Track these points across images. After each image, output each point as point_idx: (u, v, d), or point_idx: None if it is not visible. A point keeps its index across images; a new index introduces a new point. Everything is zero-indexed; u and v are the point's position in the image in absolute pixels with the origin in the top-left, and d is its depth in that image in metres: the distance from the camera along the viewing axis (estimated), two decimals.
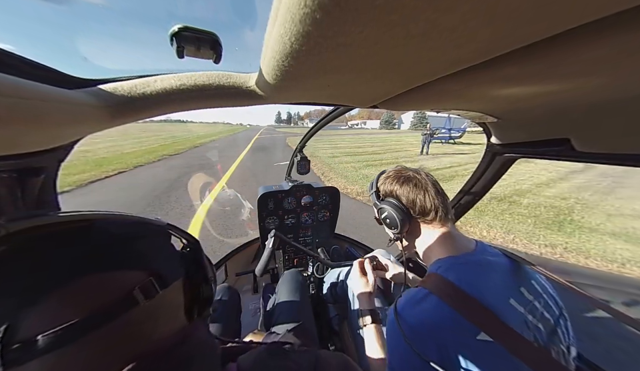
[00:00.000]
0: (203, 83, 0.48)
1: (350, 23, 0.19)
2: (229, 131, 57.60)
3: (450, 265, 0.58)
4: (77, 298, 0.23)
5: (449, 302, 0.50)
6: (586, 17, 0.19)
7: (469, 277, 0.54)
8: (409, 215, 0.67)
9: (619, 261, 3.04)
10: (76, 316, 0.22)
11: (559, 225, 4.09)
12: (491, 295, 0.51)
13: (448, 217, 0.66)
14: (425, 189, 0.66)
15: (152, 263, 0.29)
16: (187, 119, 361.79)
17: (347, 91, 0.46)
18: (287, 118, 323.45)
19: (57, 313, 0.22)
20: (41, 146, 0.41)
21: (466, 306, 0.50)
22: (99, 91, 0.44)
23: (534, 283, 0.58)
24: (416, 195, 0.66)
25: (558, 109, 0.53)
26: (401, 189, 0.69)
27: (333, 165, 9.34)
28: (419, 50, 0.25)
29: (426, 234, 0.68)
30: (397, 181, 0.70)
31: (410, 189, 0.67)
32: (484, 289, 0.52)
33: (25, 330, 0.21)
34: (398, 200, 0.69)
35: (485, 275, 0.55)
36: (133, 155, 11.26)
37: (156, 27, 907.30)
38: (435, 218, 0.65)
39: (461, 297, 0.51)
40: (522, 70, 0.32)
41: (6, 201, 0.45)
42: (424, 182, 0.67)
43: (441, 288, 0.54)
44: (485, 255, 0.61)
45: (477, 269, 0.57)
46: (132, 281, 0.26)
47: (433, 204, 0.64)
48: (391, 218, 0.69)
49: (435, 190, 0.66)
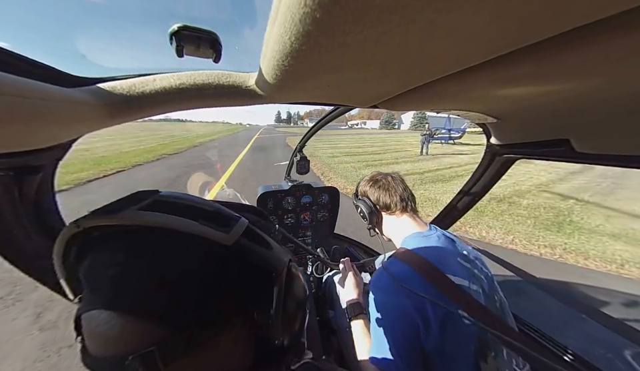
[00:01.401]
0: (202, 82, 0.48)
1: (350, 22, 0.19)
2: (228, 130, 57.56)
3: (411, 240, 0.77)
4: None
5: (414, 267, 0.67)
6: (585, 18, 0.19)
7: (423, 244, 0.73)
8: (375, 209, 0.88)
9: (618, 262, 3.05)
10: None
11: (559, 226, 4.10)
12: (444, 259, 0.68)
13: (407, 208, 0.85)
14: (387, 188, 0.86)
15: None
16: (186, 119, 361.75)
17: (347, 91, 0.45)
18: (287, 118, 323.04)
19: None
20: (39, 144, 0.41)
21: (426, 269, 0.65)
22: (98, 89, 0.43)
23: (466, 253, 0.76)
24: (379, 194, 0.87)
25: (558, 110, 0.53)
26: (370, 189, 0.90)
27: (333, 165, 9.34)
28: (419, 50, 0.25)
29: (392, 223, 0.87)
30: (368, 184, 0.92)
31: (375, 190, 0.88)
32: (438, 256, 0.69)
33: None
34: (368, 198, 0.90)
35: (437, 246, 0.73)
36: (131, 154, 11.24)
37: (155, 26, 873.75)
38: (396, 210, 0.84)
39: (422, 262, 0.67)
40: (522, 70, 0.32)
41: (3, 200, 0.45)
42: (387, 184, 0.88)
43: (407, 256, 0.71)
44: (436, 233, 0.79)
45: (431, 241, 0.74)
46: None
47: (392, 200, 0.84)
48: (363, 213, 0.91)
49: (394, 189, 0.86)
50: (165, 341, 0.22)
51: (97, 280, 0.24)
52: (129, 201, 0.28)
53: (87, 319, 0.23)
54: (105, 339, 0.22)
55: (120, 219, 0.25)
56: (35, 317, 1.97)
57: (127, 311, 0.22)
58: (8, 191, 0.44)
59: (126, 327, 0.22)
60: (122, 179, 6.72)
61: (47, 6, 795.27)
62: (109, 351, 0.22)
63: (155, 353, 0.21)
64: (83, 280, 0.25)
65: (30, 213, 0.50)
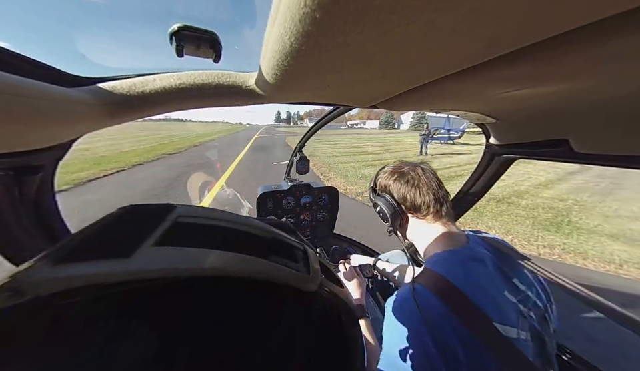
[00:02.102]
0: (202, 82, 0.48)
1: (350, 22, 0.19)
2: (228, 130, 57.48)
3: (443, 260, 0.58)
4: None
5: (448, 304, 0.49)
6: (585, 19, 0.19)
7: (462, 272, 0.54)
8: (400, 209, 0.69)
9: (616, 262, 3.05)
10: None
11: (557, 226, 4.10)
12: (487, 295, 0.51)
13: (442, 212, 0.65)
14: (417, 185, 0.66)
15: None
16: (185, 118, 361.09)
17: (347, 91, 0.46)
18: (287, 118, 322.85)
19: None
20: (39, 144, 0.41)
21: (462, 308, 0.49)
22: (98, 89, 0.43)
23: (526, 273, 0.60)
24: (407, 191, 0.67)
25: (557, 110, 0.53)
26: (394, 184, 0.70)
27: (333, 165, 9.34)
28: (419, 50, 0.25)
29: (419, 228, 0.69)
30: (391, 177, 0.72)
31: (401, 185, 0.69)
32: (477, 285, 0.52)
33: None
34: (390, 195, 0.71)
35: (477, 270, 0.55)
36: (131, 154, 11.21)
37: (155, 25, 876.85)
38: (428, 213, 0.65)
39: (458, 298, 0.50)
40: (521, 71, 0.32)
41: (3, 200, 0.45)
42: (417, 178, 0.68)
43: (439, 286, 0.52)
44: (478, 249, 0.60)
45: (470, 263, 0.56)
46: None
47: (423, 200, 0.65)
48: (383, 212, 0.71)
49: (427, 186, 0.66)
50: None
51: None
52: (130, 229, 0.16)
53: None
54: None
55: (124, 274, 0.13)
56: None
57: None
58: (8, 190, 0.44)
59: None
60: (122, 179, 6.70)
61: (47, 6, 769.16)
62: None
63: None
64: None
65: (30, 212, 0.50)
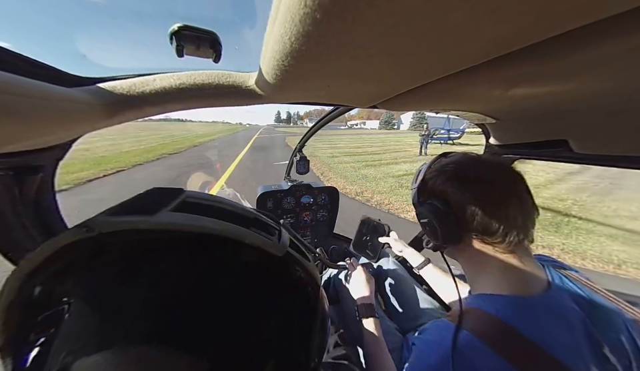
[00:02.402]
0: (202, 82, 0.48)
1: (350, 23, 0.19)
2: (228, 130, 57.46)
3: (512, 306, 0.41)
4: None
5: (509, 359, 0.36)
6: (585, 19, 0.19)
7: (539, 331, 0.38)
8: (460, 228, 0.48)
9: (615, 262, 3.06)
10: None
11: (556, 226, 4.11)
12: (561, 362, 0.36)
13: (523, 244, 0.46)
14: (499, 202, 0.45)
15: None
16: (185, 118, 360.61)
17: (347, 91, 0.46)
18: (287, 118, 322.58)
19: None
20: (39, 144, 0.41)
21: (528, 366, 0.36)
22: (98, 89, 0.43)
23: (623, 340, 0.41)
24: (480, 207, 0.45)
25: (556, 111, 0.54)
26: (457, 193, 0.48)
27: (332, 165, 9.34)
28: (419, 50, 0.25)
29: (481, 255, 0.48)
30: (454, 180, 0.50)
31: (471, 197, 0.46)
32: (554, 351, 0.37)
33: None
34: (447, 206, 0.49)
35: (558, 333, 0.39)
36: (131, 154, 11.21)
37: (156, 25, 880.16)
38: (502, 242, 0.45)
39: (529, 353, 0.37)
40: (521, 71, 0.32)
41: (4, 200, 0.45)
42: (499, 191, 0.46)
43: (498, 338, 0.38)
44: (563, 301, 0.43)
45: (549, 322, 0.40)
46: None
47: (503, 225, 0.44)
48: (431, 227, 0.51)
49: (511, 204, 0.45)
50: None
51: (124, 308, 0.17)
52: (153, 201, 0.22)
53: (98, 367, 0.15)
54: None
55: (151, 223, 0.19)
56: None
57: (171, 346, 0.17)
58: (8, 190, 0.44)
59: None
60: (122, 179, 6.70)
61: (47, 6, 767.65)
62: None
63: None
64: (83, 312, 0.17)
65: (30, 212, 0.50)
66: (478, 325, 0.41)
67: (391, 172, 8.06)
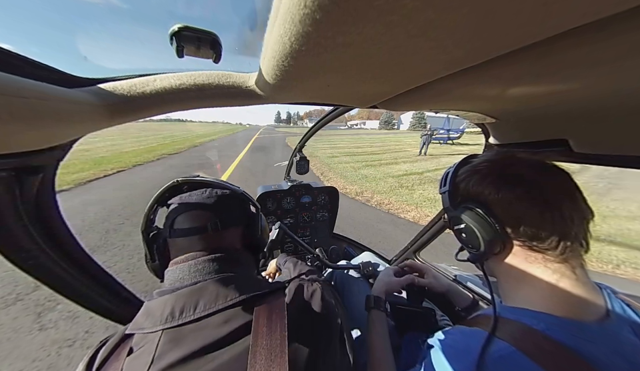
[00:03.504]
0: (202, 83, 0.48)
1: (349, 23, 0.19)
2: (228, 130, 57.50)
3: (566, 331, 0.35)
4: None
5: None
6: (585, 18, 0.19)
7: (596, 359, 0.33)
8: (503, 233, 0.42)
9: (614, 262, 3.05)
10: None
11: None
12: None
13: (576, 251, 0.40)
14: (550, 201, 0.39)
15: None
16: (186, 119, 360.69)
17: (347, 91, 0.46)
18: (287, 118, 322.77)
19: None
20: (40, 145, 0.41)
21: None
22: (98, 90, 0.44)
23: None
24: (525, 208, 0.40)
25: (556, 110, 0.54)
26: (495, 193, 0.43)
27: (332, 165, 9.34)
28: (419, 50, 0.25)
29: (526, 265, 0.42)
30: (491, 179, 0.44)
31: (514, 197, 0.41)
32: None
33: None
34: (487, 209, 0.43)
35: (615, 365, 0.33)
36: (132, 154, 11.21)
37: (156, 26, 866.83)
38: (556, 248, 0.39)
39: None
40: (522, 70, 0.32)
41: (4, 200, 0.45)
42: (548, 189, 0.40)
43: (548, 355, 0.33)
44: (624, 332, 0.37)
45: (606, 352, 0.34)
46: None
47: (556, 228, 0.39)
48: (471, 236, 0.45)
49: (563, 204, 0.39)
50: (219, 218, 0.51)
51: (187, 198, 0.52)
52: (195, 176, 0.56)
53: (184, 215, 0.51)
54: (194, 219, 0.50)
55: (192, 179, 0.54)
56: (35, 317, 1.97)
57: (202, 208, 0.51)
58: (9, 191, 0.44)
59: (202, 212, 0.51)
60: (122, 179, 6.70)
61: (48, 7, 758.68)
62: (197, 223, 0.50)
63: (218, 222, 0.51)
64: (178, 202, 0.52)
65: (31, 213, 0.50)
66: (520, 337, 0.36)
67: (391, 172, 8.07)
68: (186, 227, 0.49)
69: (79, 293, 0.68)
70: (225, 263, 0.48)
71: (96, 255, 0.83)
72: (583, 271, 0.41)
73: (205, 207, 0.51)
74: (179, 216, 0.50)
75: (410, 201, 5.17)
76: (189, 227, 0.49)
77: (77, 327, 1.87)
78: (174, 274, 0.47)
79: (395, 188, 6.18)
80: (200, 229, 0.49)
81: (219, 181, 0.56)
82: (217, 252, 0.49)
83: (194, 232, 0.49)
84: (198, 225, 0.49)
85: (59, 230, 0.58)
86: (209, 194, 0.52)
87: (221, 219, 0.51)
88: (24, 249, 0.52)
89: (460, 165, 0.53)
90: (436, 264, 1.30)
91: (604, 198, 5.70)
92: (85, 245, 0.64)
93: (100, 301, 0.74)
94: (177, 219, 0.50)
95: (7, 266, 0.53)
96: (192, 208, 0.50)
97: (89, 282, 0.68)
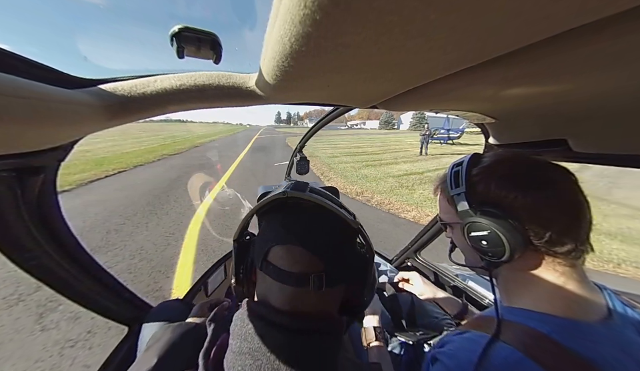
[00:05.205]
0: (202, 83, 0.48)
1: (349, 24, 0.19)
2: (228, 130, 57.54)
3: (570, 332, 0.35)
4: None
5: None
6: (585, 18, 0.19)
7: (601, 358, 0.33)
8: (527, 239, 0.40)
9: (614, 261, 3.05)
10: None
11: None
12: None
13: (582, 254, 0.41)
14: (570, 205, 0.40)
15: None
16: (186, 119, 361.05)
17: (347, 91, 0.46)
18: (287, 118, 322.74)
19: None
20: (41, 146, 0.41)
21: None
22: (99, 90, 0.44)
23: None
24: (555, 215, 0.39)
25: (556, 110, 0.54)
26: (526, 197, 0.40)
27: (333, 165, 9.34)
28: (418, 51, 0.25)
29: (536, 269, 0.42)
30: (512, 181, 0.42)
31: (546, 202, 0.39)
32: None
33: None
34: (512, 215, 0.40)
35: (620, 363, 0.33)
36: (132, 155, 11.24)
37: (156, 27, 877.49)
38: (570, 252, 0.39)
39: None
40: (521, 70, 0.32)
41: (6, 201, 0.45)
42: (567, 192, 0.40)
43: (551, 358, 0.33)
44: (626, 332, 0.37)
45: (611, 350, 0.34)
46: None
47: (575, 232, 0.39)
48: (494, 243, 0.42)
49: (582, 204, 0.40)
50: (327, 270, 0.36)
51: (293, 225, 0.38)
52: (303, 185, 0.42)
53: (284, 249, 0.37)
54: (296, 261, 0.36)
55: (305, 196, 0.39)
56: (37, 317, 1.97)
57: (308, 247, 0.36)
58: (10, 191, 0.44)
59: (309, 256, 0.36)
60: (123, 180, 6.71)
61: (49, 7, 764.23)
62: (298, 269, 0.36)
63: (323, 276, 0.35)
64: (279, 226, 0.39)
65: (32, 213, 0.50)
66: (523, 339, 0.36)
67: (391, 172, 8.06)
68: (285, 270, 0.36)
69: (81, 293, 0.68)
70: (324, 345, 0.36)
71: (97, 256, 0.82)
72: (583, 272, 0.42)
73: (312, 247, 0.36)
74: (276, 247, 0.37)
75: (410, 201, 5.17)
76: (288, 272, 0.36)
77: (79, 328, 1.87)
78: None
79: (395, 188, 6.18)
80: (299, 279, 0.35)
81: (336, 206, 0.39)
82: (313, 324, 0.35)
83: (290, 281, 0.35)
84: (297, 272, 0.35)
85: (60, 230, 0.58)
86: (322, 226, 0.38)
87: (327, 272, 0.36)
88: (26, 249, 0.52)
89: (471, 165, 0.48)
90: (436, 264, 1.30)
91: (604, 197, 5.68)
92: (87, 245, 0.64)
93: (101, 301, 0.74)
94: (272, 250, 0.37)
95: (9, 267, 0.53)
96: (293, 241, 0.37)
97: (90, 283, 0.68)
